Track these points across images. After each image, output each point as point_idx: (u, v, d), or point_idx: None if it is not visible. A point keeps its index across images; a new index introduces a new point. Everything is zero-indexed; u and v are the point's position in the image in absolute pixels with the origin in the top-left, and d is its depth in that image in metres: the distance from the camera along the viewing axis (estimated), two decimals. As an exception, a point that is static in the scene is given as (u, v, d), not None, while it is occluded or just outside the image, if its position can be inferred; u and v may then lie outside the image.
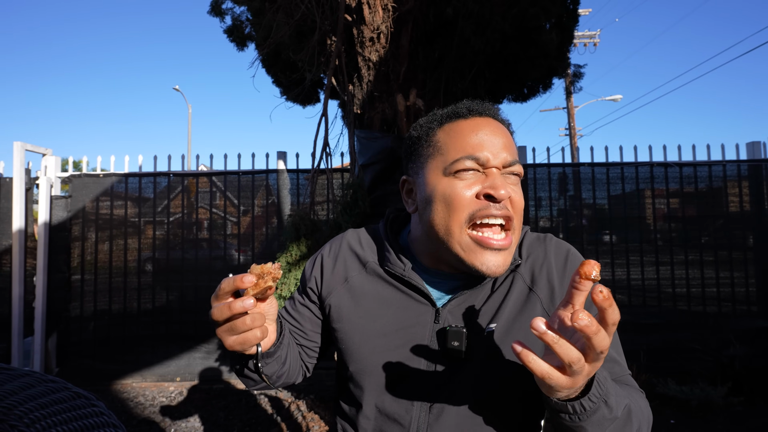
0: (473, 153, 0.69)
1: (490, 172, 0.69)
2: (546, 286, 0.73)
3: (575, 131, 16.63)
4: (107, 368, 3.88)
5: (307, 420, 3.01)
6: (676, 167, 3.90)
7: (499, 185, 0.67)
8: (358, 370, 0.77)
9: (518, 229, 0.70)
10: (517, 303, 0.72)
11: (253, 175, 4.05)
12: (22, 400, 0.48)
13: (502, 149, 0.69)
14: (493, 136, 0.70)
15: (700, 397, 3.02)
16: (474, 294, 0.74)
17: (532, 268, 0.75)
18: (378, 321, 0.75)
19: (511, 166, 0.70)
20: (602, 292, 0.46)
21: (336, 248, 0.85)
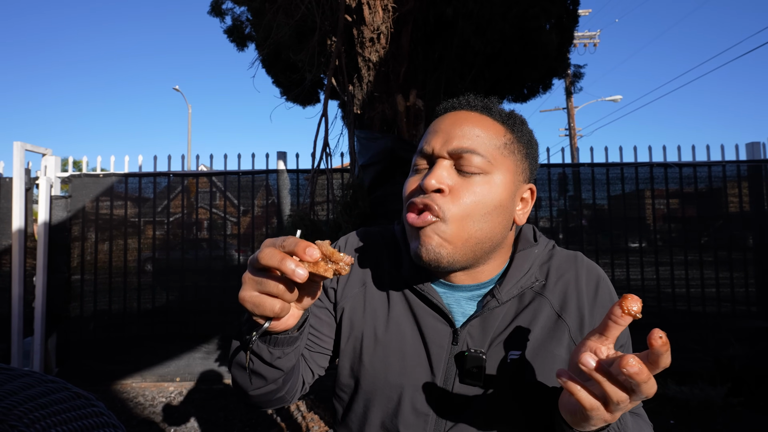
0: (422, 148, 0.67)
1: (436, 163, 0.65)
2: (576, 314, 0.68)
3: (575, 132, 16.64)
4: (107, 368, 3.88)
5: (307, 420, 3.01)
6: (676, 168, 3.91)
7: (431, 174, 0.63)
8: (367, 386, 0.72)
9: (458, 224, 0.62)
10: (544, 330, 0.67)
11: (253, 175, 4.05)
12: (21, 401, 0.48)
13: (454, 138, 0.64)
14: (451, 126, 0.65)
15: (700, 397, 3.02)
16: (495, 314, 0.69)
17: (563, 293, 0.70)
18: (393, 337, 0.70)
19: (464, 154, 0.63)
20: (662, 337, 0.45)
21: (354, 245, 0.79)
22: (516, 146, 0.68)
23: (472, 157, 0.63)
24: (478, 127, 0.65)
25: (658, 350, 0.45)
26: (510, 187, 0.66)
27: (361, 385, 0.72)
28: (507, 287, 0.68)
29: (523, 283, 0.69)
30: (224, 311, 3.98)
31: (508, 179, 0.66)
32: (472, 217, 0.63)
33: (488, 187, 0.64)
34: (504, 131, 0.67)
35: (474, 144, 0.64)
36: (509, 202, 0.66)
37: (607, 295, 0.72)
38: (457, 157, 0.64)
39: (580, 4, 3.87)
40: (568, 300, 0.69)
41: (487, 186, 0.64)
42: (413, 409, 0.68)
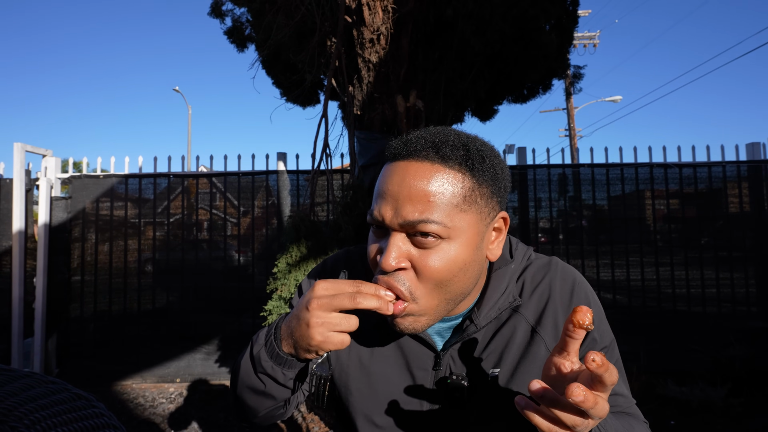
0: (374, 211, 0.61)
1: (392, 234, 0.59)
2: (551, 326, 0.68)
3: (575, 132, 16.64)
4: (107, 369, 3.88)
5: (307, 421, 3.01)
6: (676, 168, 3.91)
7: (387, 252, 0.58)
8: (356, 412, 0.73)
9: (432, 299, 0.60)
10: (521, 346, 0.68)
11: (253, 176, 4.05)
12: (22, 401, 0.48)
13: (404, 208, 0.57)
14: (398, 189, 0.58)
15: (700, 397, 3.02)
16: (472, 340, 0.70)
17: (538, 305, 0.69)
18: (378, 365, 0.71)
19: (416, 225, 0.57)
20: (595, 360, 0.44)
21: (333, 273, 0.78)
22: (477, 192, 0.60)
23: (427, 226, 0.57)
24: (429, 188, 0.57)
25: (596, 371, 0.45)
26: (475, 239, 0.61)
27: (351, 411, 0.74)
28: (485, 311, 0.67)
29: (500, 304, 0.68)
30: (224, 312, 3.99)
31: (472, 233, 0.60)
32: (440, 285, 0.60)
33: (451, 251, 0.59)
34: (462, 180, 0.58)
35: (426, 213, 0.57)
36: (477, 251, 0.62)
37: (584, 298, 0.71)
38: (408, 228, 0.58)
39: (579, 5, 3.88)
40: (544, 312, 0.69)
41: (450, 250, 0.59)
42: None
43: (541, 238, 4.15)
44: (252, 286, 3.99)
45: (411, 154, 0.59)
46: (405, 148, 0.60)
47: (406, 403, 0.69)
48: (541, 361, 0.67)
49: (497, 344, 0.69)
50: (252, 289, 3.97)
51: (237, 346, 3.95)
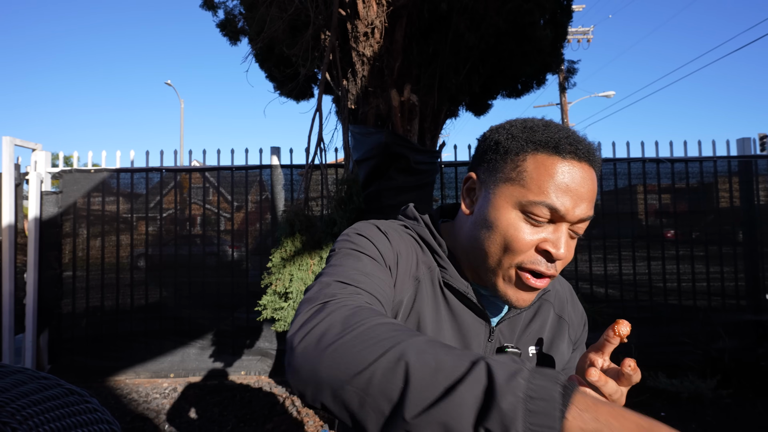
0: (554, 203, 0.63)
1: (560, 225, 0.65)
2: (567, 315, 0.84)
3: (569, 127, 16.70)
4: (100, 365, 3.87)
5: (302, 415, 3.02)
6: (668, 163, 3.94)
7: (561, 244, 0.65)
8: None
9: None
10: (552, 329, 0.81)
11: (246, 170, 4.03)
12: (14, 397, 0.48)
13: (583, 204, 0.65)
14: (581, 188, 0.64)
15: (690, 389, 3.07)
16: (519, 316, 0.79)
17: (558, 299, 0.84)
18: (439, 333, 0.73)
19: (584, 222, 0.67)
20: (630, 365, 0.58)
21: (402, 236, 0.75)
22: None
23: (586, 225, 0.67)
24: (595, 190, 0.67)
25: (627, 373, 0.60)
26: None
27: None
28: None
29: (541, 291, 0.77)
30: (218, 307, 3.97)
31: None
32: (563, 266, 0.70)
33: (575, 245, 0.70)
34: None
35: (592, 211, 0.67)
36: None
37: (578, 300, 0.89)
38: (578, 223, 0.66)
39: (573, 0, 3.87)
40: (564, 306, 0.84)
41: (574, 243, 0.69)
42: None
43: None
44: (246, 281, 3.98)
45: (587, 158, 0.66)
46: (581, 149, 0.65)
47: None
48: (565, 341, 0.82)
49: (535, 326, 0.80)
50: (246, 284, 3.96)
51: (231, 341, 3.94)
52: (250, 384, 3.70)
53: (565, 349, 0.81)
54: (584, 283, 3.96)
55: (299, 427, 2.88)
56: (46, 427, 0.48)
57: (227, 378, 3.81)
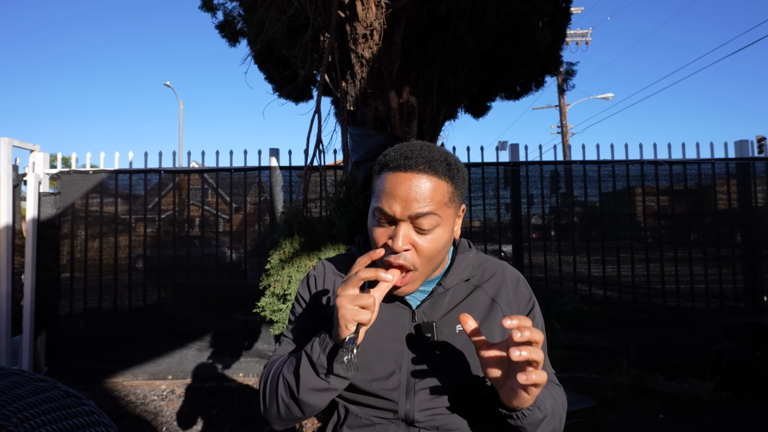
0: (384, 207, 0.82)
1: (399, 224, 0.81)
2: (505, 298, 0.95)
3: (567, 129, 16.73)
4: (98, 367, 3.85)
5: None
6: (666, 165, 3.95)
7: (398, 239, 0.80)
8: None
9: (426, 267, 0.84)
10: (483, 311, 0.92)
11: (245, 172, 4.02)
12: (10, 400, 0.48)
13: (410, 204, 0.80)
14: (402, 191, 0.80)
15: (689, 391, 3.07)
16: (442, 299, 0.92)
17: (495, 285, 0.95)
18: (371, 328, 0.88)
19: (421, 217, 0.80)
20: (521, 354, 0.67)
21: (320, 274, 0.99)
22: (455, 193, 0.84)
23: (426, 219, 0.81)
24: (429, 191, 0.81)
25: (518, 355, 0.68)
26: (452, 225, 0.87)
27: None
28: (450, 278, 0.92)
29: (461, 276, 0.93)
30: (217, 308, 3.96)
31: (451, 221, 0.86)
32: (432, 258, 0.84)
33: (439, 234, 0.83)
34: (446, 185, 0.83)
35: (427, 208, 0.80)
36: (451, 233, 0.87)
37: (524, 287, 0.98)
38: (414, 219, 0.81)
39: (572, 2, 3.88)
40: (500, 291, 0.95)
41: (439, 233, 0.83)
42: (390, 373, 0.89)
43: (533, 234, 4.18)
44: (244, 282, 3.97)
45: (412, 168, 0.81)
46: (406, 163, 0.81)
47: (392, 348, 0.90)
48: (498, 322, 0.91)
49: (462, 308, 0.92)
50: (244, 285, 3.95)
51: (229, 343, 3.93)
52: (249, 386, 3.69)
53: (496, 330, 0.91)
54: (583, 285, 3.96)
55: (297, 430, 2.87)
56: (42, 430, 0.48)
57: (225, 380, 3.80)
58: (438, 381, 0.89)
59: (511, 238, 4.02)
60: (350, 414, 0.92)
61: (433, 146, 0.86)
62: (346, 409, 0.93)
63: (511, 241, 4.05)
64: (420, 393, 0.89)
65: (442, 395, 0.89)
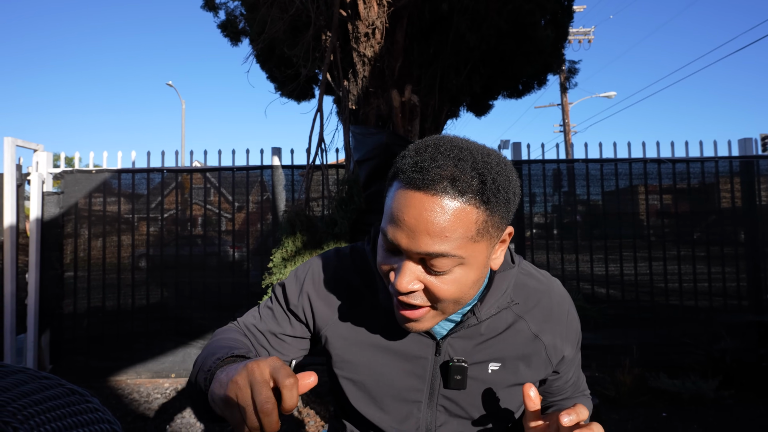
0: (387, 233, 0.63)
1: (403, 264, 0.62)
2: (550, 335, 0.79)
3: (569, 128, 16.69)
4: (101, 365, 3.87)
5: (303, 415, 3.02)
6: (669, 164, 3.93)
7: (400, 277, 0.61)
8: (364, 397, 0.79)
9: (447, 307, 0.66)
10: (522, 347, 0.77)
11: (247, 171, 4.03)
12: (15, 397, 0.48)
13: (419, 238, 0.59)
14: (411, 219, 0.59)
15: (692, 390, 3.06)
16: (474, 330, 0.75)
17: (540, 318, 0.79)
18: (382, 356, 0.77)
19: (432, 258, 0.60)
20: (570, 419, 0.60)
21: (322, 274, 0.81)
22: (490, 223, 0.61)
23: (442, 260, 0.60)
24: (445, 224, 0.58)
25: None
26: (485, 260, 0.65)
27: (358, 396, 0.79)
28: (486, 307, 0.73)
29: (500, 303, 0.75)
30: (220, 307, 3.97)
31: (483, 256, 0.64)
32: (457, 299, 0.65)
33: (461, 275, 0.63)
34: (476, 214, 0.59)
35: (442, 247, 0.59)
36: (484, 269, 0.66)
37: (574, 321, 0.84)
38: (426, 258, 0.61)
39: (574, 0, 3.88)
40: (545, 324, 0.79)
41: (461, 274, 0.62)
42: (407, 413, 0.77)
43: (535, 232, 4.17)
44: (247, 281, 3.98)
45: (427, 186, 0.59)
46: (422, 179, 0.59)
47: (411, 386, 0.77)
48: (540, 362, 0.79)
49: (498, 342, 0.76)
50: (247, 284, 3.96)
51: (232, 342, 3.94)
52: (251, 384, 3.69)
53: (537, 369, 0.78)
54: (585, 284, 3.95)
55: (300, 426, 2.88)
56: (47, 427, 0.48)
57: (228, 378, 3.81)
58: (463, 428, 0.78)
59: (514, 238, 4.02)
60: None
61: (466, 150, 0.61)
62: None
63: (514, 240, 4.04)
64: None
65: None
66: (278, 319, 0.81)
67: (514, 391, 0.77)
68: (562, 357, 0.81)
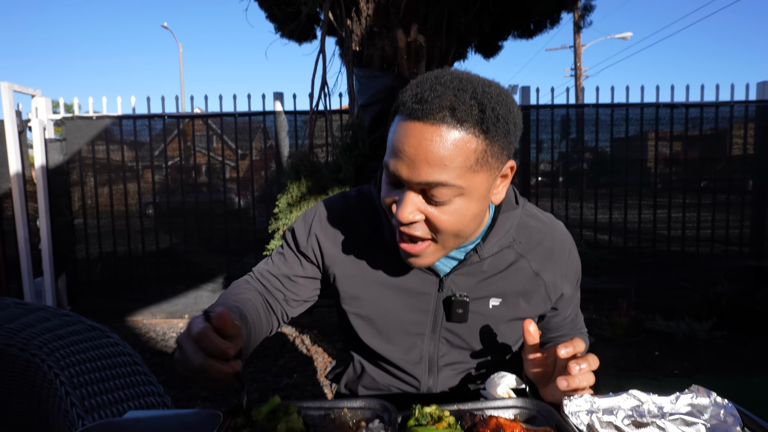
0: (389, 165, 0.64)
1: (405, 195, 0.64)
2: (551, 273, 0.81)
3: (581, 71, 16.06)
4: (118, 306, 4.04)
5: (312, 352, 3.18)
6: (683, 108, 3.81)
7: (402, 210, 0.63)
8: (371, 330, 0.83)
9: (448, 241, 0.67)
10: (522, 284, 0.80)
11: (249, 117, 3.96)
12: (39, 332, 0.51)
13: (419, 167, 0.60)
14: (415, 152, 0.60)
15: (686, 331, 3.17)
16: (476, 267, 0.78)
17: (541, 257, 0.81)
18: (387, 292, 0.80)
19: (432, 188, 0.61)
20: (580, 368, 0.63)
21: (329, 215, 0.83)
22: (489, 152, 0.62)
23: (441, 190, 0.61)
24: (445, 153, 0.59)
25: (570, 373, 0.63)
26: (484, 193, 0.66)
27: (365, 330, 0.83)
28: (489, 245, 0.76)
29: (503, 242, 0.77)
30: (228, 253, 4.08)
31: (482, 188, 0.65)
32: (457, 231, 0.66)
33: (461, 206, 0.64)
34: (475, 143, 0.60)
35: (442, 176, 0.60)
36: (485, 201, 0.67)
37: (575, 261, 0.87)
38: (426, 187, 0.62)
39: (595, -73, 3.58)
40: (546, 263, 0.81)
41: (461, 205, 0.64)
42: (412, 345, 0.82)
43: (540, 180, 4.15)
44: (254, 227, 4.04)
45: (426, 116, 0.60)
46: (421, 109, 0.60)
47: (415, 320, 0.81)
48: (539, 299, 0.82)
49: (500, 279, 0.79)
50: (254, 230, 4.03)
51: (241, 286, 4.07)
52: (261, 325, 3.86)
53: (537, 305, 0.81)
54: (588, 231, 3.98)
55: (309, 362, 3.05)
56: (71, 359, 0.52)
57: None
58: (465, 358, 0.82)
59: (519, 184, 3.99)
60: (366, 374, 0.87)
61: (466, 81, 0.62)
62: (362, 366, 0.88)
63: (518, 187, 4.03)
64: (444, 369, 0.83)
65: (469, 372, 0.84)
66: (290, 262, 0.85)
67: (514, 326, 0.81)
68: (561, 295, 0.84)
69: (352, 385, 0.90)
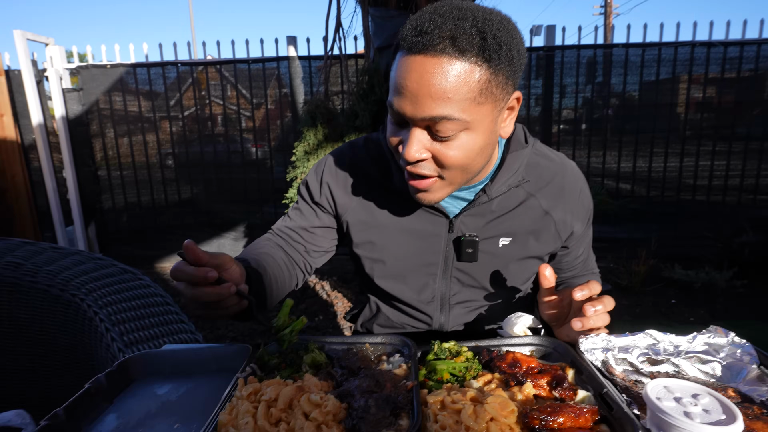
0: (392, 104, 0.64)
1: (411, 132, 0.64)
2: (561, 212, 0.81)
3: (611, 9, 14.98)
4: (145, 254, 4.22)
5: (332, 297, 3.30)
6: (720, 47, 3.56)
7: (408, 148, 0.63)
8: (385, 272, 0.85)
9: (456, 176, 0.67)
10: (532, 223, 0.80)
11: (263, 62, 3.87)
12: (77, 274, 0.54)
13: (423, 102, 0.60)
14: (417, 87, 0.59)
15: (704, 280, 3.16)
16: (486, 207, 0.79)
17: (552, 196, 0.80)
18: (400, 236, 0.82)
19: (436, 122, 0.60)
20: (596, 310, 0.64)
21: (339, 165, 0.85)
22: (493, 82, 0.61)
23: (446, 124, 0.61)
24: (447, 85, 0.58)
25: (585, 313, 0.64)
26: (490, 125, 0.65)
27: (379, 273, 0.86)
28: (497, 185, 0.76)
29: (511, 182, 0.77)
30: (247, 202, 4.16)
31: (488, 120, 0.64)
32: (464, 165, 0.66)
33: (467, 140, 0.64)
34: (478, 72, 0.59)
35: (446, 110, 0.60)
36: (492, 134, 0.67)
37: (586, 199, 0.86)
38: (431, 123, 0.62)
39: None
40: (556, 201, 0.81)
41: (467, 139, 0.63)
42: (424, 284, 0.85)
43: (562, 128, 4.00)
44: (272, 177, 4.08)
45: (427, 48, 0.59)
46: (421, 41, 0.59)
47: (426, 260, 0.83)
48: (549, 237, 0.81)
49: (509, 218, 0.80)
50: (272, 180, 4.07)
51: (261, 233, 4.18)
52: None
53: (546, 243, 0.82)
54: (610, 180, 3.89)
55: (329, 306, 3.17)
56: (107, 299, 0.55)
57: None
58: (475, 296, 0.85)
59: (540, 132, 3.87)
60: (381, 313, 0.91)
61: (466, 9, 0.60)
62: (377, 306, 0.92)
63: (539, 135, 3.90)
64: (456, 308, 0.86)
65: (480, 311, 0.87)
66: (306, 214, 0.88)
67: (524, 264, 0.83)
68: (572, 233, 0.84)
69: (368, 324, 0.95)
